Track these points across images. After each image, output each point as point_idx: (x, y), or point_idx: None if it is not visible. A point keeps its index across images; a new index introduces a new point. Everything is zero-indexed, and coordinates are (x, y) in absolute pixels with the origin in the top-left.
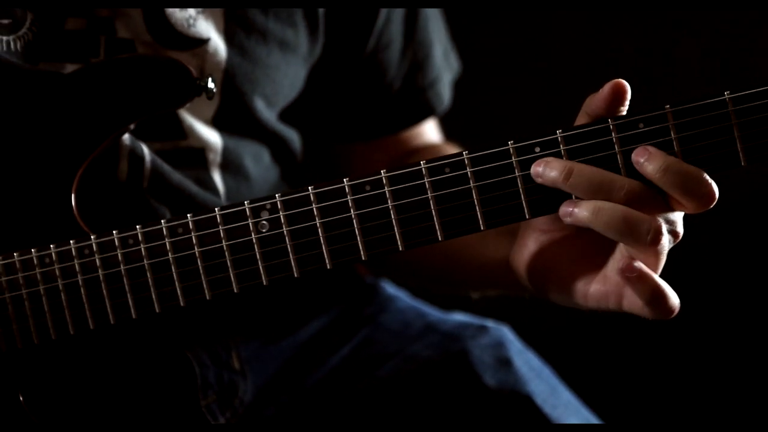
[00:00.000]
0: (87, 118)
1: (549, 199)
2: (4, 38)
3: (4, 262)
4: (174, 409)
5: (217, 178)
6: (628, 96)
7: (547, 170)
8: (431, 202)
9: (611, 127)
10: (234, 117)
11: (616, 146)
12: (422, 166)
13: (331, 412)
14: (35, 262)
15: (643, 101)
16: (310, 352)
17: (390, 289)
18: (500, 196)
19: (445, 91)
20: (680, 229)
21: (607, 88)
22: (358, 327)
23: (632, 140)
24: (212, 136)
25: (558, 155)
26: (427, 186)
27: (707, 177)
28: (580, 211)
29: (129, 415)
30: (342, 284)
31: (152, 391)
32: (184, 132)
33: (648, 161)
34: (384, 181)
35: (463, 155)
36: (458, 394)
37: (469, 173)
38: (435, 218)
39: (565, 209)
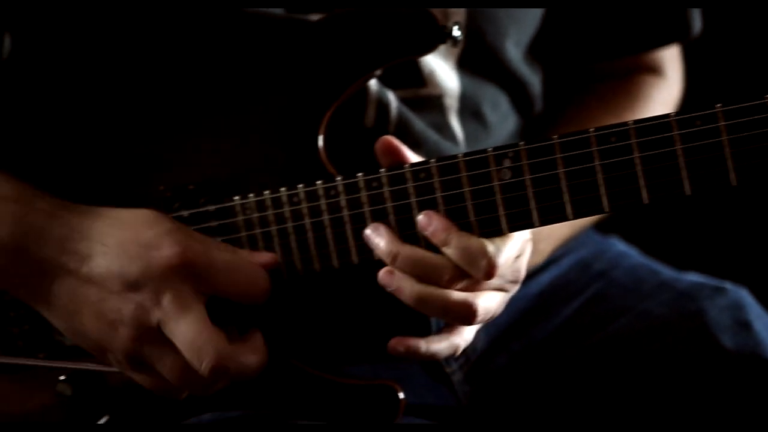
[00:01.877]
0: (333, 65)
1: None
2: None
3: (256, 199)
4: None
5: (455, 124)
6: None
7: (376, 239)
8: (679, 155)
9: None
10: (478, 59)
11: None
12: (671, 118)
13: (562, 364)
14: (284, 200)
15: None
16: (542, 303)
17: (620, 245)
18: (755, 150)
19: (697, 17)
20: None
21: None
22: (589, 281)
23: None
24: (451, 82)
25: None
26: (675, 139)
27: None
28: (403, 295)
29: (365, 354)
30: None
31: (385, 332)
32: (423, 80)
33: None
34: (630, 133)
35: (715, 108)
36: (693, 354)
37: (721, 127)
38: (683, 172)
39: (386, 279)
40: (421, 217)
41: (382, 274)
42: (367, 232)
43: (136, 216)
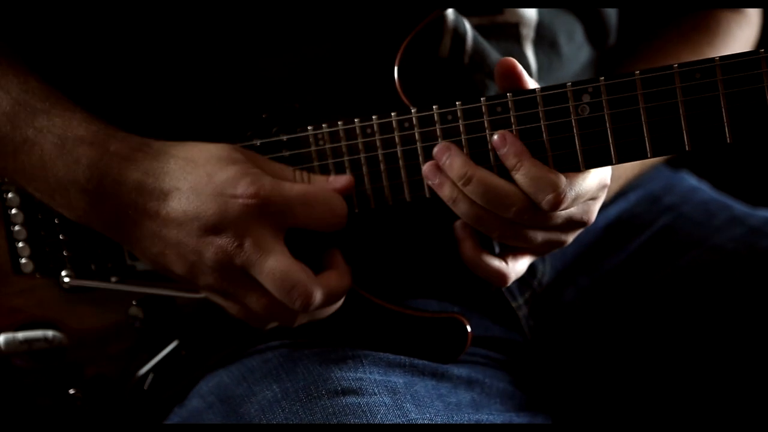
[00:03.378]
0: None
1: None
2: None
3: (329, 130)
4: (473, 288)
5: (529, 53)
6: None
7: (448, 159)
8: (767, 93)
9: None
10: None
11: None
12: (761, 55)
13: (629, 298)
14: (357, 131)
15: None
16: (609, 237)
17: (691, 180)
18: None
19: None
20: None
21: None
22: (658, 215)
23: None
24: (528, 11)
25: None
26: (764, 76)
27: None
28: (442, 193)
29: (425, 288)
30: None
31: (453, 266)
32: (500, 7)
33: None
34: (717, 70)
35: None
36: (763, 291)
37: None
38: None
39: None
40: (496, 137)
41: (427, 166)
42: (436, 150)
43: (208, 155)
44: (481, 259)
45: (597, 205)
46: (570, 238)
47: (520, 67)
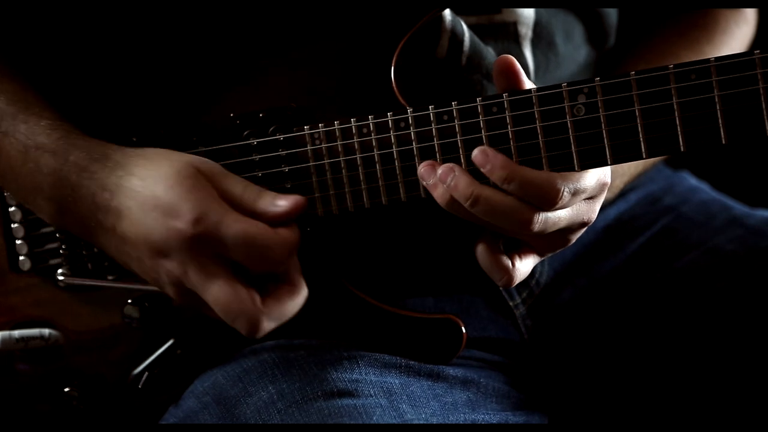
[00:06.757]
0: None
1: None
2: None
3: (325, 129)
4: (471, 286)
5: (527, 53)
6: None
7: (452, 181)
8: (762, 94)
9: None
10: None
11: None
12: (756, 56)
13: (627, 299)
14: (354, 131)
15: None
16: (609, 237)
17: (691, 180)
18: None
19: None
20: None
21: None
22: (658, 216)
23: None
24: (526, 10)
25: None
26: (759, 78)
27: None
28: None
29: (420, 287)
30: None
31: (448, 265)
32: (499, 7)
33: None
34: (712, 71)
35: None
36: (762, 292)
37: None
38: (764, 111)
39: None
40: (476, 154)
41: (424, 170)
42: (440, 171)
43: (162, 172)
44: (492, 254)
45: (598, 204)
46: (574, 237)
47: (518, 65)
